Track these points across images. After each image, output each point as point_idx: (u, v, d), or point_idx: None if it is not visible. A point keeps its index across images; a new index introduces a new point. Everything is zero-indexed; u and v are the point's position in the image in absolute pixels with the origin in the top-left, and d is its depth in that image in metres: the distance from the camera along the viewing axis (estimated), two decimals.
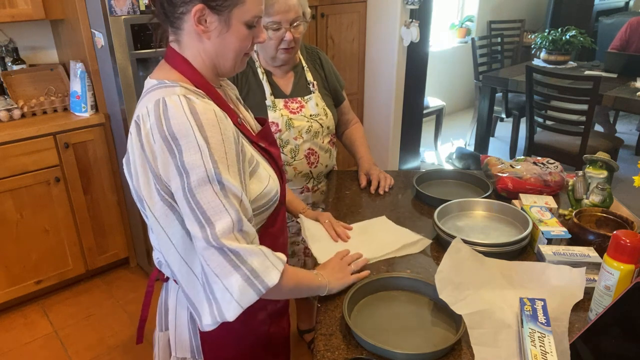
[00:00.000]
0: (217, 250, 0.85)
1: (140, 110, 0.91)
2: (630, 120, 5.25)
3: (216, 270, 0.85)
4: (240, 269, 0.85)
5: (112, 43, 2.21)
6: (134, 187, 0.94)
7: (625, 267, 0.96)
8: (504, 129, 5.02)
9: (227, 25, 0.92)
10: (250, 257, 0.87)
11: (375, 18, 3.41)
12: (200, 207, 0.84)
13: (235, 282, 0.85)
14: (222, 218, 0.85)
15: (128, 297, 2.60)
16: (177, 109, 0.86)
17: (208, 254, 0.85)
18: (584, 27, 4.54)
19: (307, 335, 2.29)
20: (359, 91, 3.65)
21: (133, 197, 0.98)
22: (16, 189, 2.31)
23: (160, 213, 0.89)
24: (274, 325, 1.17)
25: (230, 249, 0.85)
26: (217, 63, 0.97)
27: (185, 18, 0.91)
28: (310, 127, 1.64)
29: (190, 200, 0.84)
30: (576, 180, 1.45)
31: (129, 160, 0.93)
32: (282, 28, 1.51)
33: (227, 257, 0.85)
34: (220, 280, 0.85)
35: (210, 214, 0.84)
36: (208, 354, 1.07)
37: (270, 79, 1.65)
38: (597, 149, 2.22)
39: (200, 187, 0.84)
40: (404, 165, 3.92)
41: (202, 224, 0.84)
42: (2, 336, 2.34)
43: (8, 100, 2.44)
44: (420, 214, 1.51)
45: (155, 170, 0.87)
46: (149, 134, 0.87)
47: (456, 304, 1.02)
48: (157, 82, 0.94)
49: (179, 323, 1.07)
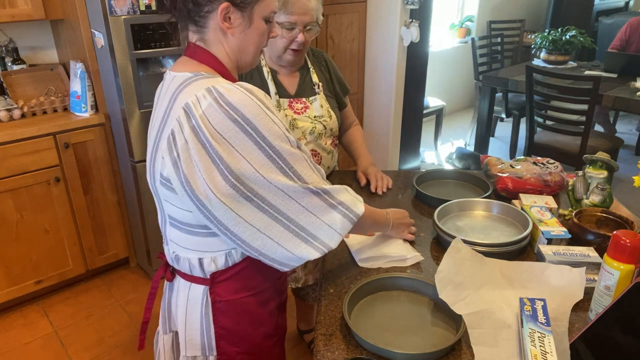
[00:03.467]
0: (313, 193, 0.96)
1: (187, 98, 0.91)
2: (630, 120, 5.25)
3: (314, 210, 0.96)
4: (336, 206, 0.99)
5: (112, 43, 2.21)
6: (179, 173, 0.91)
7: (625, 267, 0.96)
8: (504, 129, 5.02)
9: (249, 21, 0.98)
10: (339, 194, 1.00)
11: (375, 18, 3.41)
12: (290, 167, 0.93)
13: (336, 217, 0.99)
14: (308, 170, 0.96)
15: (128, 297, 2.60)
16: (237, 93, 0.90)
17: (306, 199, 0.95)
18: (584, 27, 4.54)
19: (307, 335, 2.29)
20: (359, 91, 3.65)
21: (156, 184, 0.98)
22: (16, 189, 2.31)
23: (225, 193, 0.90)
24: (281, 316, 1.19)
25: (323, 189, 0.97)
26: (239, 58, 1.02)
27: (211, 16, 0.96)
28: (314, 128, 1.64)
29: (281, 163, 0.92)
30: (576, 180, 1.45)
31: (172, 147, 0.91)
32: (296, 29, 1.51)
33: (322, 198, 0.97)
34: (320, 219, 0.97)
35: (300, 169, 0.95)
36: (222, 349, 1.07)
37: (275, 77, 1.64)
38: (597, 149, 2.22)
39: (288, 150, 0.93)
40: (404, 165, 3.92)
41: (294, 178, 0.94)
42: (2, 336, 2.34)
43: (8, 100, 2.44)
44: (420, 214, 1.51)
45: (218, 152, 0.88)
46: (203, 117, 0.88)
47: (456, 304, 1.03)
48: (193, 74, 0.96)
49: (190, 322, 1.08)
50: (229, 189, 0.89)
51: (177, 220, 1.01)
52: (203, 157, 0.89)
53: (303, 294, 2.09)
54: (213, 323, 1.06)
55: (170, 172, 0.93)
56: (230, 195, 0.90)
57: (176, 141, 0.91)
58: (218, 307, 1.05)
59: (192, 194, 0.92)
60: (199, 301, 1.06)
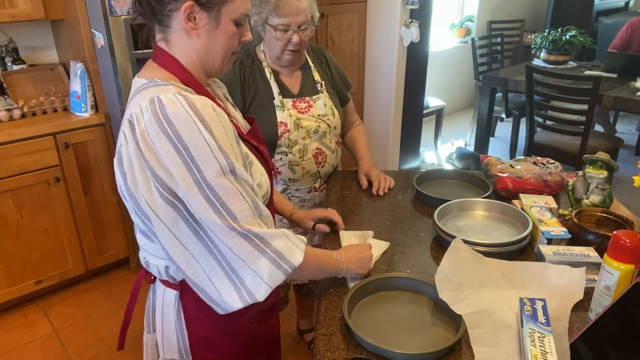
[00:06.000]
0: (241, 235, 0.86)
1: (132, 109, 0.90)
2: (630, 120, 5.25)
3: (242, 255, 0.87)
4: (266, 252, 0.88)
5: (112, 43, 2.21)
6: (127, 186, 0.91)
7: (625, 267, 0.96)
8: (504, 129, 5.02)
9: (216, 22, 0.93)
10: (274, 240, 0.90)
11: (375, 18, 3.41)
12: (218, 198, 0.85)
13: (264, 265, 0.88)
14: (241, 205, 0.87)
15: (128, 297, 2.59)
16: (176, 106, 0.86)
17: (232, 241, 0.86)
18: (584, 27, 4.54)
19: (307, 335, 2.29)
20: (359, 91, 3.65)
21: (120, 195, 0.96)
22: (16, 189, 2.31)
23: (162, 211, 0.88)
24: (262, 324, 1.15)
25: (254, 233, 0.87)
26: (205, 61, 0.98)
27: (174, 15, 0.92)
28: (318, 127, 1.64)
29: (207, 192, 0.85)
30: (576, 180, 1.45)
31: (121, 160, 0.91)
32: (290, 30, 1.51)
33: (251, 242, 0.87)
34: (248, 265, 0.87)
35: (230, 203, 0.86)
36: (197, 355, 1.06)
37: (278, 78, 1.64)
38: (597, 149, 2.22)
39: (216, 179, 0.85)
40: (404, 165, 3.92)
41: (222, 213, 0.86)
42: (2, 336, 2.34)
43: (8, 100, 2.43)
44: (420, 214, 1.51)
45: (153, 169, 0.86)
46: (144, 132, 0.86)
47: (456, 304, 1.02)
48: (147, 80, 0.94)
49: (166, 324, 1.07)
50: (167, 206, 0.86)
51: (142, 229, 0.98)
52: (143, 173, 0.87)
53: (306, 290, 2.08)
54: (186, 329, 1.04)
55: (122, 185, 0.93)
56: (167, 213, 0.87)
57: (122, 156, 0.91)
58: (190, 314, 1.03)
59: (138, 209, 0.91)
60: (173, 306, 1.04)
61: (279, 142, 1.60)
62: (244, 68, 1.61)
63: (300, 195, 1.71)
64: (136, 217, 0.95)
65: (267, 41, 1.61)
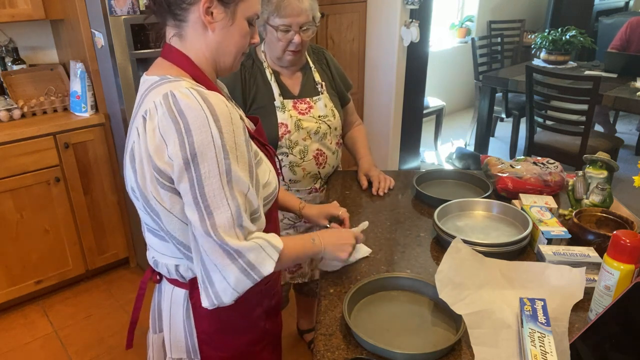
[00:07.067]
0: (217, 244, 0.87)
1: (147, 105, 0.90)
2: (630, 120, 5.25)
3: (215, 261, 0.88)
4: (238, 262, 0.89)
5: (112, 43, 2.21)
6: (137, 183, 0.92)
7: (625, 267, 0.96)
8: (504, 129, 5.02)
9: (232, 18, 0.95)
10: (248, 253, 0.90)
11: (375, 18, 3.41)
12: (204, 199, 0.86)
13: (232, 273, 0.89)
14: (223, 212, 0.87)
15: (128, 297, 2.60)
16: (190, 99, 0.87)
17: (207, 245, 0.88)
18: (584, 27, 4.54)
19: (307, 335, 2.29)
20: (359, 91, 3.65)
21: (130, 194, 0.97)
22: (16, 189, 2.31)
23: (168, 201, 0.91)
24: (269, 321, 1.16)
25: (229, 246, 0.87)
26: (217, 59, 0.98)
27: (193, 9, 0.92)
28: (318, 128, 1.64)
29: (197, 192, 0.86)
30: (576, 180, 1.45)
31: (133, 157, 0.92)
32: (292, 31, 1.51)
33: (226, 252, 0.88)
34: (219, 271, 0.89)
35: (213, 207, 0.86)
36: (205, 353, 1.06)
37: (279, 79, 1.64)
38: (597, 149, 2.22)
39: (208, 179, 0.86)
40: (404, 165, 3.92)
41: (203, 216, 0.86)
42: (2, 336, 2.34)
43: (8, 100, 2.43)
44: (420, 214, 1.51)
45: (155, 162, 0.88)
46: (156, 129, 0.87)
47: (456, 304, 1.03)
48: (160, 77, 0.94)
49: (174, 324, 1.07)
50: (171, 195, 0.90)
51: (151, 227, 1.00)
52: (150, 169, 0.90)
53: (306, 290, 2.08)
54: (195, 327, 1.05)
55: (132, 182, 0.94)
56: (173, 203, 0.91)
57: (134, 153, 0.92)
58: (199, 312, 1.03)
59: (148, 207, 0.93)
60: (181, 305, 1.05)
61: (279, 143, 1.60)
62: (245, 69, 1.61)
63: (301, 196, 1.71)
64: (146, 216, 0.97)
65: (268, 42, 1.61)
